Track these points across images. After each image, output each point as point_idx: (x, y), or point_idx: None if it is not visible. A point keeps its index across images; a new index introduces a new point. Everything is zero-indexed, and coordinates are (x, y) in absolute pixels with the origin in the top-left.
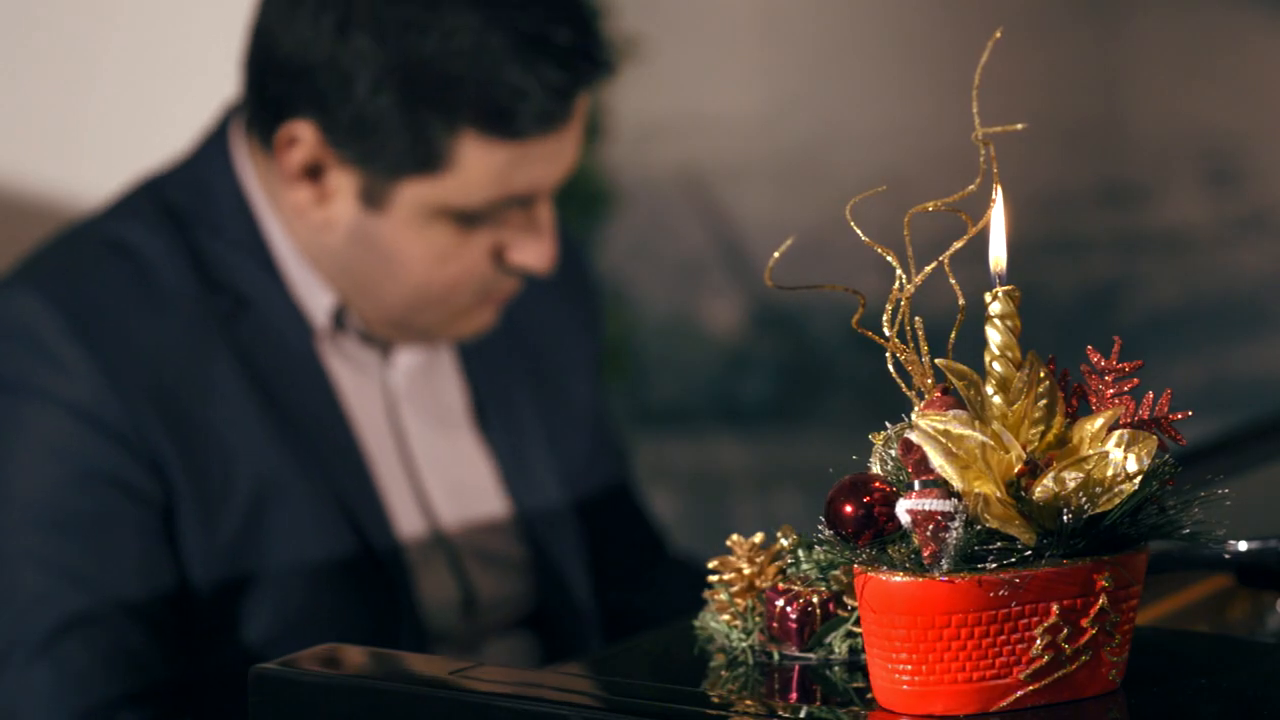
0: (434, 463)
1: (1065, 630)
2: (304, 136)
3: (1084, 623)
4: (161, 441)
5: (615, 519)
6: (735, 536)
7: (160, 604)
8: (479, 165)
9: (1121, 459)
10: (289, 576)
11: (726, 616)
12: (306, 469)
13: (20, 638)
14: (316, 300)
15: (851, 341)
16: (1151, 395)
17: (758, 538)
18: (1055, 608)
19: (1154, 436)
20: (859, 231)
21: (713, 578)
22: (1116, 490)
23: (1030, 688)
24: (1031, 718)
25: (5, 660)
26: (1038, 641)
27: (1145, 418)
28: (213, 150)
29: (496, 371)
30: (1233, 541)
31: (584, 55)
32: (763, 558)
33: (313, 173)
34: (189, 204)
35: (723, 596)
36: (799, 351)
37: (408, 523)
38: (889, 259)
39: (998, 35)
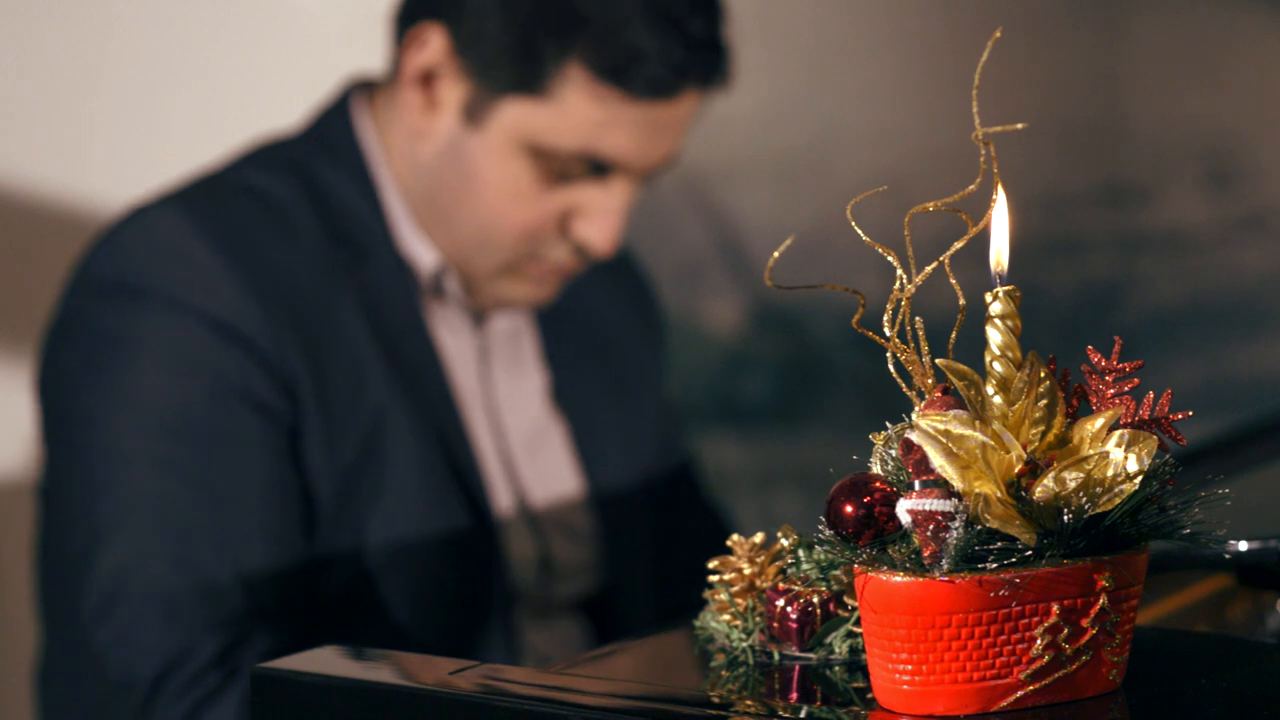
0: (519, 432)
1: (1065, 630)
2: (433, 40)
3: (1084, 623)
4: (296, 360)
5: (681, 514)
6: (735, 536)
7: (287, 521)
8: (579, 104)
9: (1122, 459)
10: (397, 513)
11: (727, 616)
12: (414, 416)
13: (151, 544)
14: (422, 258)
15: (851, 341)
16: (1151, 395)
17: (758, 538)
18: (1055, 608)
19: (1154, 436)
20: (859, 231)
21: (713, 578)
22: (1117, 490)
23: (1030, 688)
24: (1032, 718)
25: (136, 565)
26: (1038, 641)
27: (1145, 418)
28: (333, 115)
29: (574, 363)
30: (1233, 541)
31: (708, 48)
32: (763, 558)
33: (426, 80)
34: (310, 159)
35: (723, 596)
36: (799, 351)
37: (497, 482)
38: (889, 259)
39: (997, 35)
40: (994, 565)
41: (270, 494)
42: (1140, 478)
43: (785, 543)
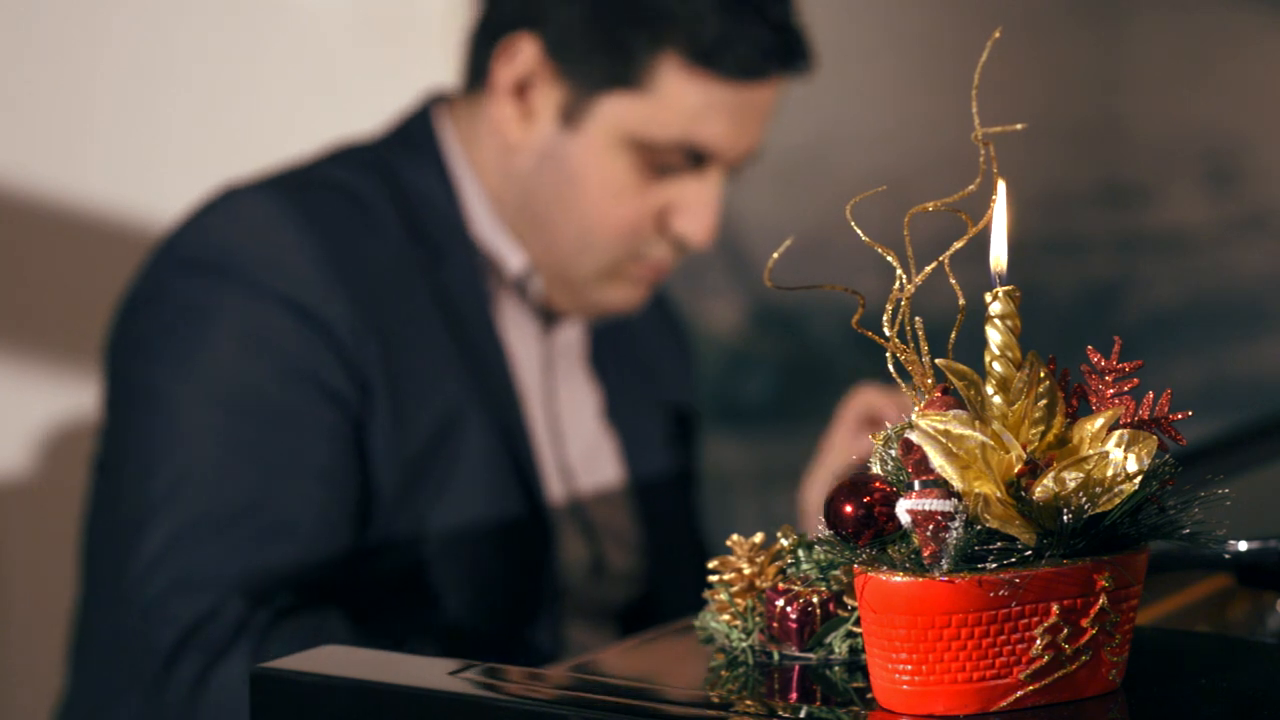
0: (576, 441)
1: (1065, 630)
2: (525, 49)
3: (1084, 623)
4: (372, 350)
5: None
6: (735, 536)
7: (339, 505)
8: (675, 92)
9: (1121, 459)
10: (458, 504)
11: (726, 616)
12: (481, 412)
13: (202, 512)
14: (506, 260)
15: (851, 341)
16: (1151, 395)
17: (758, 538)
18: (1055, 608)
19: (1154, 436)
20: (859, 231)
21: (713, 578)
22: (1116, 490)
23: (1030, 688)
24: (1031, 718)
25: (184, 533)
26: (1038, 641)
27: (1145, 418)
28: (416, 121)
29: (622, 379)
30: (1233, 541)
31: (787, 31)
32: (763, 558)
33: (520, 91)
34: (393, 161)
35: (723, 596)
36: (799, 351)
37: (553, 484)
38: (889, 259)
39: (997, 35)
40: (994, 565)
41: (327, 479)
42: (1140, 478)
43: (785, 543)
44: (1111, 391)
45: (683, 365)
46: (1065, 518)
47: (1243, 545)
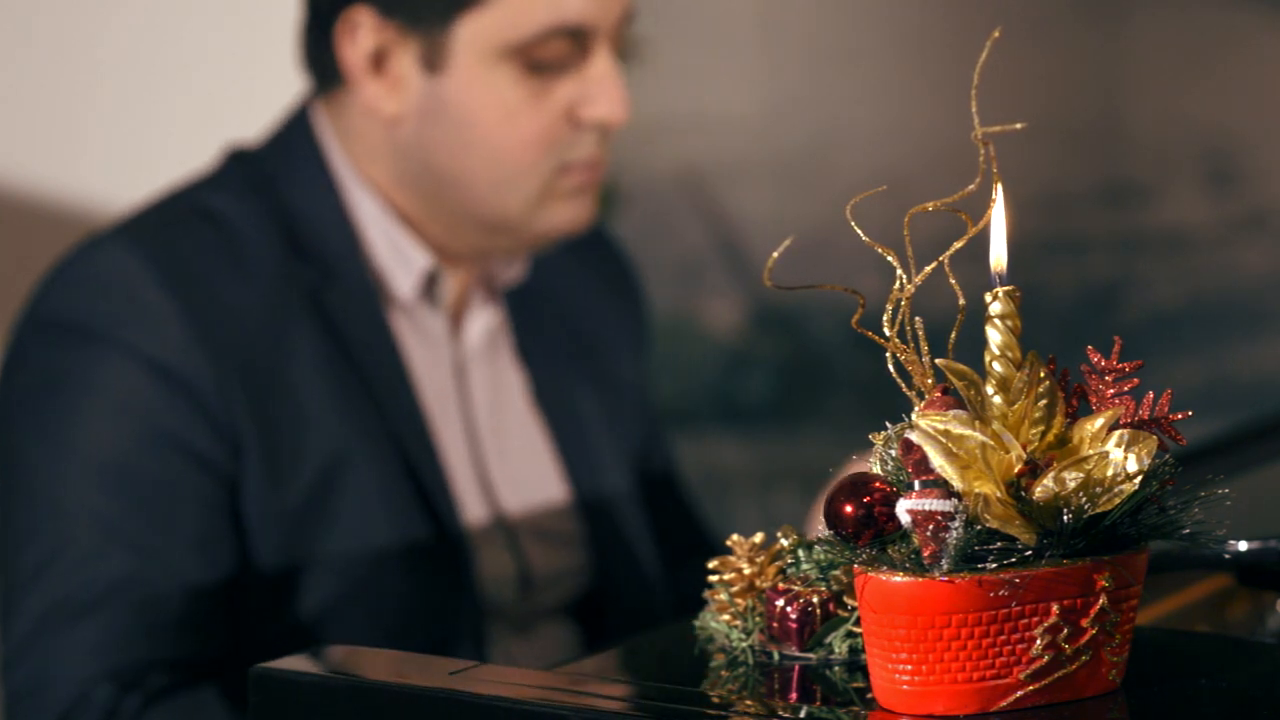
0: (495, 440)
1: (1065, 630)
2: (362, 22)
3: (1084, 623)
4: (240, 409)
5: (666, 505)
6: (735, 536)
7: (214, 575)
8: None
9: (1121, 459)
10: (353, 550)
11: (726, 616)
12: (377, 443)
13: (69, 594)
14: (409, 264)
15: (851, 341)
16: (1151, 395)
17: (758, 538)
18: (1055, 608)
19: (1154, 436)
20: (859, 231)
21: (713, 578)
22: (1116, 490)
23: (1030, 688)
24: (1031, 718)
25: (52, 614)
26: (1038, 641)
27: (1145, 418)
28: (296, 126)
29: (553, 360)
30: (1233, 541)
31: None
32: (763, 558)
33: (377, 65)
34: (276, 174)
35: (723, 596)
36: (799, 351)
37: (470, 499)
38: (889, 259)
39: (997, 35)
40: (994, 565)
41: (200, 549)
42: (1140, 478)
43: (785, 543)
44: (1111, 391)
45: (632, 332)
46: (1065, 518)
47: (1243, 545)
